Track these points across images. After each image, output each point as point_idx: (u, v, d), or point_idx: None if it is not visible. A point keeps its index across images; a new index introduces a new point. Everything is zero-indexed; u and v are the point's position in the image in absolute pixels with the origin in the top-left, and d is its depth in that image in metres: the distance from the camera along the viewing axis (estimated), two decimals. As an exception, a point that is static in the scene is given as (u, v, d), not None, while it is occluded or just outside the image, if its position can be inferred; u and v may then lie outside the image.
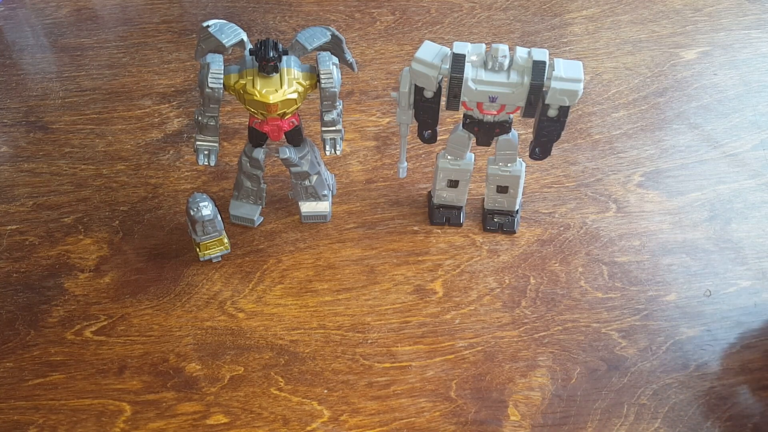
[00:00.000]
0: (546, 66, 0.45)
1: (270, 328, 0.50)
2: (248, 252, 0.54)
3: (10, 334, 0.49)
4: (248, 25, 0.75)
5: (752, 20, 0.77)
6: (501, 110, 0.47)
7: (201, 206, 0.49)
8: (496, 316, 0.50)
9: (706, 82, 0.69)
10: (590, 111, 0.66)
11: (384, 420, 0.45)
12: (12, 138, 0.63)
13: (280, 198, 0.58)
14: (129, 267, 0.53)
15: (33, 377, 0.47)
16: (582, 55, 0.72)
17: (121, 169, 0.60)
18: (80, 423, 0.45)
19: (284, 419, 0.45)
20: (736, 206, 0.58)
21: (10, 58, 0.72)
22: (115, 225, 0.56)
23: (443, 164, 0.53)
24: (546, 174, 0.60)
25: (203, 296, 0.51)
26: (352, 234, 0.55)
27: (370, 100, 0.67)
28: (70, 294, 0.51)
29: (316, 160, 0.54)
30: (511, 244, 0.55)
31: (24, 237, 0.55)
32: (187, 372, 0.47)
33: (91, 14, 0.77)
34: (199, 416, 0.45)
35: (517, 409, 0.46)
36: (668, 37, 0.75)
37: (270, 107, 0.47)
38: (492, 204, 0.55)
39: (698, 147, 0.63)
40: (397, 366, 0.48)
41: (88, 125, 0.64)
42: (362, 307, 0.51)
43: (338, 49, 0.49)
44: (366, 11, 0.77)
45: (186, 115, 0.65)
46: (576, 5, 0.79)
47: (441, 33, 0.75)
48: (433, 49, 0.46)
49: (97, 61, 0.71)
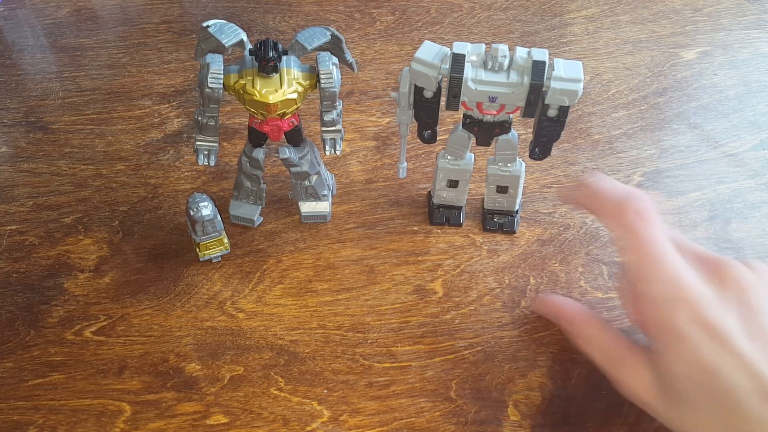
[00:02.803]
0: (546, 66, 0.45)
1: (270, 328, 0.50)
2: (248, 252, 0.54)
3: (9, 334, 0.49)
4: (248, 25, 0.75)
5: (752, 20, 0.77)
6: (501, 110, 0.47)
7: (201, 206, 0.49)
8: (496, 316, 0.50)
9: (705, 82, 0.69)
10: (590, 111, 0.66)
11: (384, 420, 0.45)
12: (12, 138, 0.63)
13: (280, 198, 0.58)
14: (129, 267, 0.53)
15: (33, 377, 0.47)
16: (582, 55, 0.72)
17: (121, 169, 0.60)
18: (80, 423, 0.45)
19: (284, 419, 0.45)
20: (735, 206, 0.58)
21: (10, 58, 0.72)
22: (115, 225, 0.56)
23: (443, 164, 0.53)
24: (546, 174, 0.60)
25: (203, 296, 0.51)
26: (352, 234, 0.55)
27: (369, 100, 0.67)
28: (70, 294, 0.51)
29: (316, 160, 0.54)
30: (511, 244, 0.55)
31: (24, 237, 0.55)
32: (187, 372, 0.47)
33: (91, 14, 0.77)
34: (199, 416, 0.45)
35: (517, 409, 0.46)
36: (668, 37, 0.75)
37: (270, 107, 0.47)
38: (492, 204, 0.55)
39: (698, 147, 0.63)
40: (397, 366, 0.48)
41: (88, 125, 0.64)
42: (362, 307, 0.51)
43: (338, 49, 0.49)
44: (366, 11, 0.77)
45: (186, 115, 0.65)
46: (576, 5, 0.79)
47: (441, 33, 0.75)
48: (432, 49, 0.46)
49: (97, 61, 0.71)
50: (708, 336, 0.36)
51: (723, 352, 0.36)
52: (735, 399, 0.36)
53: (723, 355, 0.36)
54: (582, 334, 0.45)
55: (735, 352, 0.36)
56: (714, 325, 0.36)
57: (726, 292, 0.38)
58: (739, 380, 0.36)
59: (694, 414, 0.38)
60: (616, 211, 0.40)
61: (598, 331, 0.44)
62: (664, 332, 0.38)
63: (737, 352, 0.36)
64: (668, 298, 0.38)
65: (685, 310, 0.37)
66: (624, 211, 0.40)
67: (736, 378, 0.36)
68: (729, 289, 0.38)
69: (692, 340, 0.37)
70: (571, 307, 0.48)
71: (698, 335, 0.37)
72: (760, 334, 0.37)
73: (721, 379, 0.36)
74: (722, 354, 0.36)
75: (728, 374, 0.36)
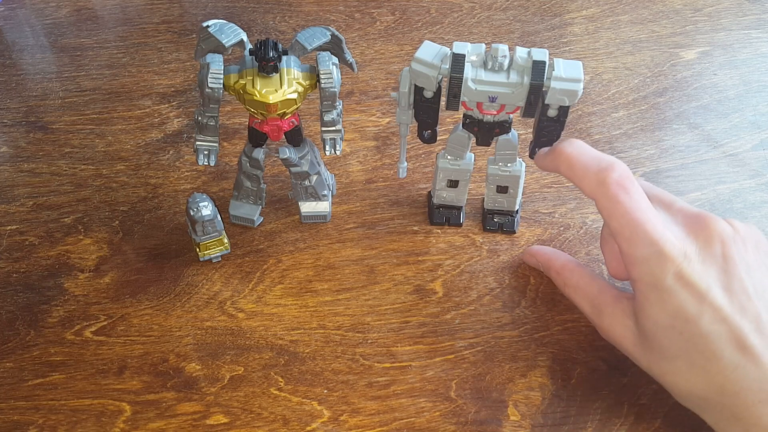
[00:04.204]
0: (546, 66, 0.45)
1: (270, 328, 0.50)
2: (248, 252, 0.54)
3: (10, 334, 0.49)
4: (248, 25, 0.75)
5: (752, 20, 0.77)
6: (501, 110, 0.47)
7: (201, 206, 0.49)
8: (496, 316, 0.50)
9: (706, 82, 0.69)
10: (590, 111, 0.66)
11: (384, 420, 0.45)
12: (12, 138, 0.63)
13: (280, 198, 0.58)
14: (129, 267, 0.53)
15: (33, 377, 0.47)
16: (582, 55, 0.72)
17: (121, 169, 0.60)
18: (80, 423, 0.45)
19: (284, 419, 0.45)
20: (736, 206, 0.58)
21: (10, 58, 0.72)
22: (115, 225, 0.56)
23: (443, 164, 0.53)
24: (546, 174, 0.60)
25: (203, 296, 0.51)
26: (351, 234, 0.55)
27: (369, 100, 0.67)
28: (70, 294, 0.51)
29: (316, 160, 0.54)
30: (511, 244, 0.55)
31: (24, 237, 0.55)
32: (187, 372, 0.47)
33: (91, 14, 0.77)
34: (199, 416, 0.45)
35: (517, 409, 0.46)
36: (668, 37, 0.75)
37: (270, 107, 0.47)
38: (492, 204, 0.55)
39: (698, 147, 0.63)
40: (397, 366, 0.48)
41: (88, 125, 0.64)
42: (362, 307, 0.51)
43: (338, 49, 0.49)
44: (366, 11, 0.77)
45: (186, 115, 0.65)
46: (576, 5, 0.79)
47: (441, 33, 0.75)
48: (432, 49, 0.46)
49: (97, 61, 0.71)
50: (690, 291, 0.39)
51: (703, 305, 0.38)
52: (712, 347, 0.38)
53: (703, 308, 0.38)
54: (569, 282, 0.48)
55: (714, 305, 0.38)
56: (696, 281, 0.39)
57: (708, 248, 0.40)
58: (717, 330, 0.38)
59: (674, 361, 0.40)
60: (597, 181, 0.42)
61: (585, 280, 0.47)
62: (649, 287, 0.40)
63: (716, 305, 0.38)
64: (653, 257, 0.40)
65: (669, 268, 0.39)
66: (605, 182, 0.41)
67: (715, 328, 0.38)
68: (711, 244, 0.40)
69: (675, 294, 0.39)
70: (560, 256, 0.51)
71: (681, 291, 0.39)
72: (738, 288, 0.39)
73: (700, 328, 0.38)
74: (703, 307, 0.38)
75: (707, 325, 0.38)
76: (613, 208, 0.41)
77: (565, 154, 0.44)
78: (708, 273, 0.39)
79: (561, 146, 0.44)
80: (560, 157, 0.44)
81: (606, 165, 0.42)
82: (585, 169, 0.43)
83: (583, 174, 0.43)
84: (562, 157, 0.44)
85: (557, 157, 0.44)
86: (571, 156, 0.43)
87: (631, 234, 0.40)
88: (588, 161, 0.43)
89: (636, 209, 0.40)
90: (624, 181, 0.41)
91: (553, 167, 0.45)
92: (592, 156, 0.43)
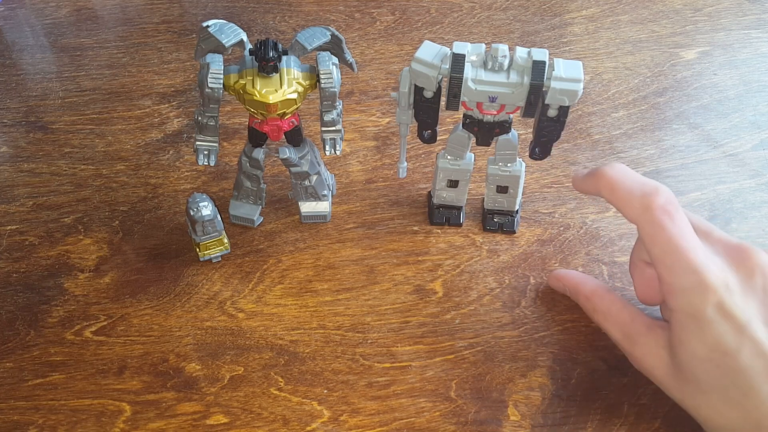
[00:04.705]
0: (546, 66, 0.45)
1: (270, 328, 0.50)
2: (248, 252, 0.54)
3: (9, 334, 0.49)
4: (248, 25, 0.75)
5: (752, 20, 0.77)
6: (501, 110, 0.47)
7: (201, 206, 0.49)
8: (496, 316, 0.50)
9: (706, 82, 0.69)
10: (590, 111, 0.66)
11: (384, 420, 0.45)
12: (12, 138, 0.63)
13: (280, 198, 0.58)
14: (129, 267, 0.53)
15: (33, 377, 0.47)
16: (582, 55, 0.72)
17: (121, 169, 0.60)
18: (80, 423, 0.45)
19: (284, 419, 0.45)
20: (736, 206, 0.58)
21: (10, 58, 0.72)
22: (114, 225, 0.56)
23: (443, 164, 0.53)
24: (546, 174, 0.60)
25: (203, 296, 0.51)
26: (351, 234, 0.56)
27: (369, 100, 0.67)
28: (70, 294, 0.51)
29: (316, 160, 0.54)
30: (511, 244, 0.55)
31: (24, 237, 0.55)
32: (187, 372, 0.47)
33: (91, 14, 0.77)
34: (199, 416, 0.45)
35: (517, 409, 0.46)
36: (668, 37, 0.75)
37: (270, 107, 0.47)
38: (492, 204, 0.55)
39: (698, 147, 0.63)
40: (397, 366, 0.48)
41: (88, 125, 0.64)
42: (362, 307, 0.51)
43: (338, 49, 0.49)
44: (366, 11, 0.77)
45: (186, 115, 0.65)
46: (576, 5, 0.79)
47: (441, 33, 0.75)
48: (432, 49, 0.46)
49: (97, 61, 0.71)
50: (730, 323, 0.38)
51: (743, 338, 0.37)
52: (750, 382, 0.37)
53: (743, 341, 0.37)
54: (599, 308, 0.46)
55: (754, 338, 0.37)
56: (736, 313, 0.38)
57: (750, 279, 0.39)
58: (756, 365, 0.37)
59: (709, 395, 0.39)
60: (642, 207, 0.40)
61: (616, 307, 0.45)
62: (688, 317, 0.39)
63: (756, 339, 0.37)
64: (694, 287, 0.38)
65: (710, 299, 0.38)
66: (650, 207, 0.40)
67: (753, 363, 0.37)
68: (753, 276, 0.39)
69: (715, 326, 0.38)
70: (589, 281, 0.49)
71: (721, 322, 0.38)
72: None
73: (738, 362, 0.37)
74: (742, 340, 0.37)
75: (746, 359, 0.37)
76: (656, 235, 0.40)
77: (607, 177, 0.42)
78: (749, 305, 0.38)
79: (602, 169, 0.43)
80: (602, 180, 0.42)
81: (651, 190, 0.40)
82: (629, 193, 0.41)
83: (627, 199, 0.41)
84: (603, 180, 0.42)
85: (598, 181, 0.43)
86: (613, 179, 0.42)
87: (673, 262, 0.39)
88: (632, 185, 0.41)
89: (680, 237, 0.39)
90: (669, 207, 0.40)
91: (594, 190, 0.44)
92: (635, 180, 0.41)
